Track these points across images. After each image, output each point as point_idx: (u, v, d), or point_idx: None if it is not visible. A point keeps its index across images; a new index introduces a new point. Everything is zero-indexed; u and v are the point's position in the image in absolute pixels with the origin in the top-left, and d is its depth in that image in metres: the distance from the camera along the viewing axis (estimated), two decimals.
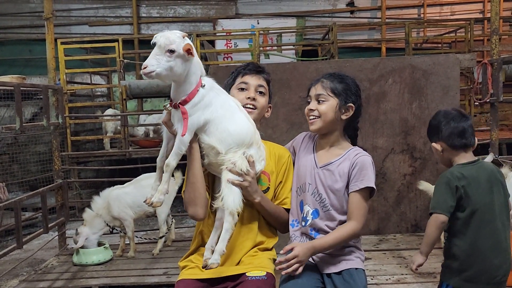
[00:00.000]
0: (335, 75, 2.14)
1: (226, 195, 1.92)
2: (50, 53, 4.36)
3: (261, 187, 2.14)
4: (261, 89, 2.21)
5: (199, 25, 10.07)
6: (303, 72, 4.32)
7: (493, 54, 4.36)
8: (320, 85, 2.11)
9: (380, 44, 9.45)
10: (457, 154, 2.20)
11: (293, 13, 9.95)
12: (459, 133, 2.16)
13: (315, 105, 2.10)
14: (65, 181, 4.49)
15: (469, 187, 2.09)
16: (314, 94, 2.11)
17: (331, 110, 2.08)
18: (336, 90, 2.09)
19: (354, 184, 2.04)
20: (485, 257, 2.07)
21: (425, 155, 4.39)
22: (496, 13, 4.35)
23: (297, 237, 2.16)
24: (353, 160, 2.07)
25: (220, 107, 1.95)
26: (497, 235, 2.09)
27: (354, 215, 2.03)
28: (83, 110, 8.51)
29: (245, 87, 2.19)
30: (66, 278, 3.74)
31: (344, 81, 2.12)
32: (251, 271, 2.00)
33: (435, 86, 4.35)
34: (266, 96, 2.23)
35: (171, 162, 1.87)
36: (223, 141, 1.94)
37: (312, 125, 2.12)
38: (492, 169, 2.19)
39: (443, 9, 10.14)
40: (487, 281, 2.08)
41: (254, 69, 2.23)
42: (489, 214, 2.09)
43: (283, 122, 4.33)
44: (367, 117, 4.33)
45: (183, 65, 1.83)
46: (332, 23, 7.70)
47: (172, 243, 4.47)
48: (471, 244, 2.09)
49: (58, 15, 9.73)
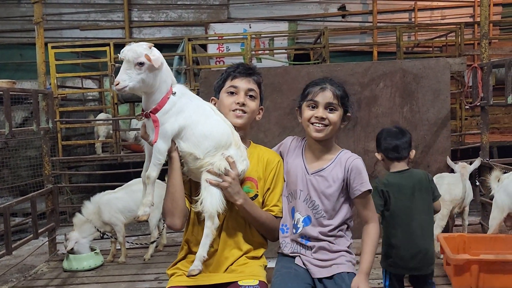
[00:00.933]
0: (335, 83, 2.12)
1: (204, 198, 1.92)
2: (40, 58, 4.34)
3: (249, 194, 2.10)
4: (252, 93, 2.15)
5: (191, 29, 10.05)
6: (295, 76, 4.32)
7: (483, 58, 4.39)
8: (330, 92, 2.06)
9: (372, 48, 9.48)
10: (391, 163, 2.74)
11: (285, 17, 9.97)
12: (393, 148, 2.69)
13: (326, 114, 2.05)
14: (55, 186, 4.46)
15: (391, 192, 2.63)
16: (324, 102, 2.05)
17: (339, 120, 2.09)
18: (342, 100, 2.08)
19: (356, 189, 2.05)
20: (399, 250, 2.61)
21: (416, 159, 4.40)
22: (485, 18, 4.39)
23: (288, 243, 2.15)
24: (346, 165, 2.07)
25: (194, 112, 1.94)
26: (411, 233, 2.59)
27: (369, 217, 2.10)
28: (74, 114, 8.45)
29: (235, 91, 2.13)
30: (56, 284, 3.70)
31: (344, 90, 2.12)
32: (243, 279, 1.98)
33: (426, 90, 4.37)
34: (256, 100, 2.17)
35: (151, 173, 1.89)
36: (199, 145, 1.93)
37: (318, 133, 2.06)
38: (420, 178, 2.68)
39: (433, 13, 10.20)
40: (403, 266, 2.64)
41: (244, 72, 2.16)
42: (405, 215, 2.61)
43: (275, 126, 4.33)
44: (358, 121, 4.34)
45: (153, 75, 1.84)
46: (324, 27, 7.72)
47: (163, 248, 4.45)
48: (391, 237, 2.65)
49: (49, 19, 9.68)
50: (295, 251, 2.13)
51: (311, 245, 2.08)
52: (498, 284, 3.15)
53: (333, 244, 2.09)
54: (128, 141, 7.58)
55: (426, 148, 4.40)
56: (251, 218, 2.07)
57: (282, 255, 2.19)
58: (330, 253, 2.07)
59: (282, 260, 2.16)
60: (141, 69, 1.80)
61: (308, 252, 2.09)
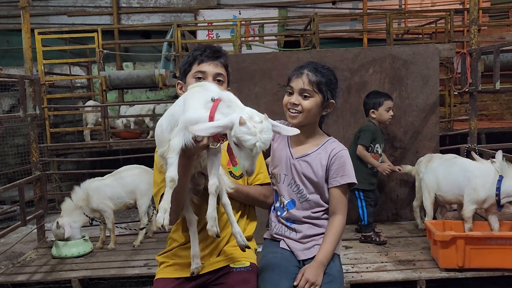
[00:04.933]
0: (318, 67, 2.07)
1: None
2: (27, 43, 4.27)
3: (237, 172, 2.13)
4: (220, 77, 2.08)
5: (180, 16, 9.95)
6: (285, 62, 4.30)
7: (472, 44, 4.40)
8: (306, 78, 2.03)
9: (362, 35, 9.46)
10: None
11: (275, 4, 9.90)
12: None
13: (299, 100, 2.04)
14: (43, 173, 4.42)
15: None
16: (298, 88, 2.04)
17: (315, 106, 2.05)
18: (321, 86, 2.04)
19: (335, 180, 2.05)
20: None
21: (406, 145, 4.43)
22: (475, 4, 4.39)
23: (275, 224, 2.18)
24: (331, 153, 2.07)
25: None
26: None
27: (338, 209, 2.06)
28: (62, 101, 8.37)
29: (202, 76, 2.04)
30: (45, 271, 3.68)
31: (327, 75, 2.07)
32: (235, 262, 1.99)
33: (415, 76, 4.38)
34: (224, 84, 2.11)
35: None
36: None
37: (292, 119, 2.07)
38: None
39: (424, 0, 10.19)
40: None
41: (212, 55, 2.06)
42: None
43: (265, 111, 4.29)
44: (348, 107, 4.35)
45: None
46: (314, 14, 7.68)
47: (153, 235, 4.44)
48: None
49: (36, 5, 9.54)
50: (280, 233, 2.15)
51: (296, 227, 2.11)
52: (484, 262, 3.19)
53: (317, 227, 2.10)
54: (117, 128, 7.54)
55: (415, 134, 4.41)
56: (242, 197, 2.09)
57: (269, 240, 2.20)
58: (313, 236, 2.09)
59: (268, 245, 2.18)
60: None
61: (293, 234, 2.11)
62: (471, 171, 3.54)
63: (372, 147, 3.92)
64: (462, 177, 3.58)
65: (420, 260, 3.48)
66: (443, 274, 3.23)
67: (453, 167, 3.70)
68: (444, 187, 3.73)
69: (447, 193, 3.72)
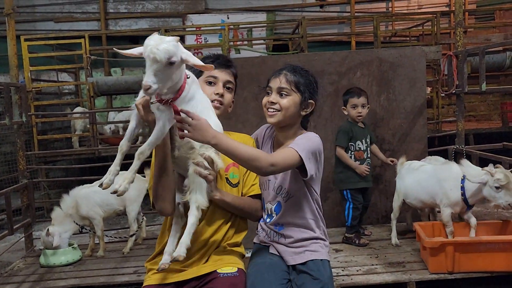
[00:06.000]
0: (297, 69, 2.09)
1: (193, 189, 1.88)
2: (12, 50, 4.23)
3: (233, 180, 2.14)
4: (229, 85, 2.18)
5: (168, 21, 9.95)
6: (272, 66, 4.29)
7: (458, 46, 4.43)
8: (284, 77, 2.04)
9: (350, 38, 9.52)
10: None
11: (263, 8, 9.94)
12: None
13: (277, 98, 2.04)
14: (30, 181, 4.37)
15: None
16: (276, 87, 2.05)
17: (293, 105, 2.04)
18: (299, 85, 2.04)
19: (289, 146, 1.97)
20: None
21: (394, 147, 4.44)
22: (460, 6, 4.43)
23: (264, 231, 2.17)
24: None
25: (200, 102, 1.90)
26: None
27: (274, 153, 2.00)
28: (50, 108, 8.31)
29: (214, 81, 2.14)
30: (33, 280, 3.63)
31: (306, 77, 2.08)
32: (222, 267, 1.98)
33: (402, 79, 4.40)
34: (233, 92, 2.21)
35: (146, 151, 1.77)
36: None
37: (271, 118, 2.07)
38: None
39: (410, 3, 10.29)
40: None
41: (224, 63, 2.17)
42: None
43: (253, 116, 4.31)
44: (336, 110, 4.35)
45: (180, 69, 1.74)
46: (302, 17, 7.71)
47: (143, 241, 4.40)
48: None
49: (22, 11, 9.49)
50: (269, 239, 2.14)
51: (285, 233, 2.09)
52: (472, 266, 3.20)
53: (306, 229, 2.09)
54: (105, 134, 7.49)
55: (403, 136, 4.43)
56: (230, 208, 2.09)
57: (258, 245, 2.19)
58: (303, 240, 2.08)
59: (257, 251, 2.17)
60: (171, 68, 1.66)
61: (282, 239, 2.10)
62: (438, 176, 3.53)
63: (353, 145, 3.95)
64: (431, 183, 3.56)
65: (410, 262, 3.49)
66: (433, 276, 3.23)
67: (421, 175, 3.70)
68: (412, 195, 3.75)
69: (415, 201, 3.75)
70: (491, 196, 3.23)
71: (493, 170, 3.22)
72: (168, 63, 1.64)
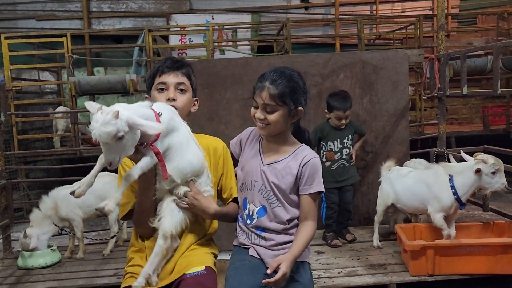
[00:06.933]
0: (280, 77, 1.98)
1: (164, 216, 1.91)
2: None
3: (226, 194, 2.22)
4: (182, 87, 2.12)
5: (152, 20, 9.88)
6: (256, 67, 4.28)
7: (440, 49, 4.47)
8: (266, 93, 1.95)
9: (334, 40, 9.55)
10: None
11: (248, 9, 9.92)
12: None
13: (264, 114, 1.99)
14: (8, 181, 4.30)
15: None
16: (261, 103, 1.98)
17: (281, 118, 2.00)
18: (284, 98, 1.96)
19: (305, 188, 2.04)
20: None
21: (377, 149, 4.46)
22: (442, 10, 4.47)
23: (244, 233, 2.14)
24: (302, 161, 2.04)
25: (179, 132, 1.90)
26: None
27: (310, 216, 2.06)
28: (31, 107, 8.19)
29: (164, 87, 2.10)
30: (10, 283, 3.56)
31: (290, 83, 1.99)
32: (190, 268, 1.97)
33: (385, 81, 4.42)
34: (187, 93, 2.15)
35: (134, 175, 1.74)
36: (182, 170, 1.91)
37: (262, 130, 2.05)
38: None
39: (394, 6, 10.36)
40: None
41: (172, 66, 2.12)
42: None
43: (236, 117, 4.29)
44: (319, 112, 4.36)
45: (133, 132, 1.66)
46: (286, 19, 7.72)
47: (123, 243, 4.35)
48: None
49: (3, 9, 9.34)
50: (250, 241, 2.12)
51: (266, 235, 2.07)
52: (453, 269, 3.23)
53: (288, 235, 2.08)
54: (87, 134, 7.40)
55: (385, 138, 4.45)
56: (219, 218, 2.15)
57: (238, 247, 2.17)
58: (284, 243, 2.06)
59: (237, 253, 2.14)
60: (123, 139, 1.61)
61: (263, 242, 2.08)
62: (426, 181, 3.54)
63: (325, 145, 4.03)
64: (420, 189, 3.57)
65: (391, 264, 3.50)
66: (413, 278, 3.26)
67: (410, 181, 3.70)
68: (404, 200, 3.75)
69: (407, 205, 3.75)
70: (488, 183, 3.23)
71: (484, 157, 3.24)
72: (117, 139, 1.59)
